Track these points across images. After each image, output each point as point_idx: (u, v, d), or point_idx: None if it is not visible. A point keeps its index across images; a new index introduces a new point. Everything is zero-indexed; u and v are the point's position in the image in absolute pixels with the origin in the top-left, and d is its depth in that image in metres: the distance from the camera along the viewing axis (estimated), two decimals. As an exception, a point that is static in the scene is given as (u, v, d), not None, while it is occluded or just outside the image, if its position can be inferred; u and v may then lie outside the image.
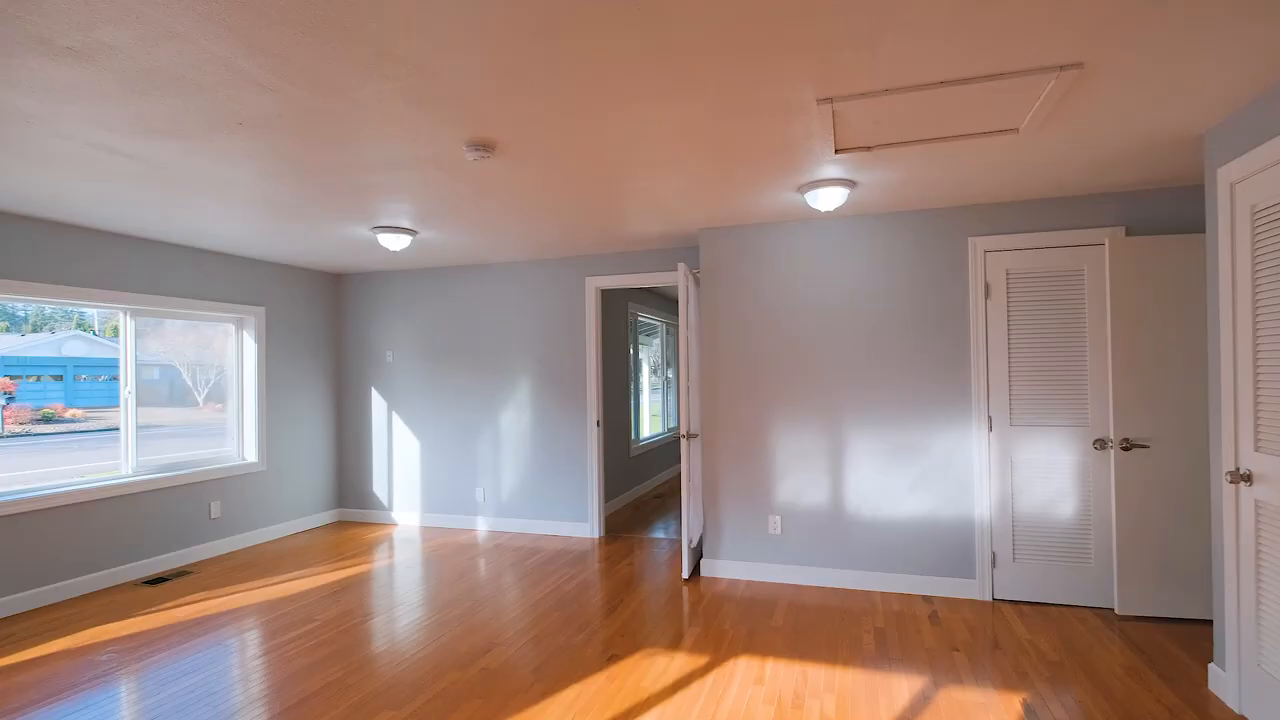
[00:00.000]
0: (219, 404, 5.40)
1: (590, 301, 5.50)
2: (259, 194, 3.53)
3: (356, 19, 1.83)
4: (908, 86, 2.33)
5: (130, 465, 4.65)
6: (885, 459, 4.13)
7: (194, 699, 2.81)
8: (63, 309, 4.52)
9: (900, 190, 3.65)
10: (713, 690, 2.84)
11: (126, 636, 3.49)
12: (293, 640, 3.42)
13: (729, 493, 4.43)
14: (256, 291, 5.52)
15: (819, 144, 2.90)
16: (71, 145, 2.76)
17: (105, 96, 2.29)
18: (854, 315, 4.21)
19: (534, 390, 5.68)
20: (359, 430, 6.28)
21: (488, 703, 2.76)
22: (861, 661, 3.10)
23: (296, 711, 2.70)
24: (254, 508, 5.46)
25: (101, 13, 1.77)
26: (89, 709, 2.74)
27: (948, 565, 4.00)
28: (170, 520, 4.79)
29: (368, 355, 6.25)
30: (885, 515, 4.12)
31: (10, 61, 2.03)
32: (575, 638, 3.41)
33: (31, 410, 11.09)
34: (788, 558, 4.30)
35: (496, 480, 5.80)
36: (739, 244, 4.44)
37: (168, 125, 2.56)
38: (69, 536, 4.18)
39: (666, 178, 3.36)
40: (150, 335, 4.86)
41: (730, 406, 4.43)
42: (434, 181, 3.35)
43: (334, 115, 2.49)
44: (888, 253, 4.15)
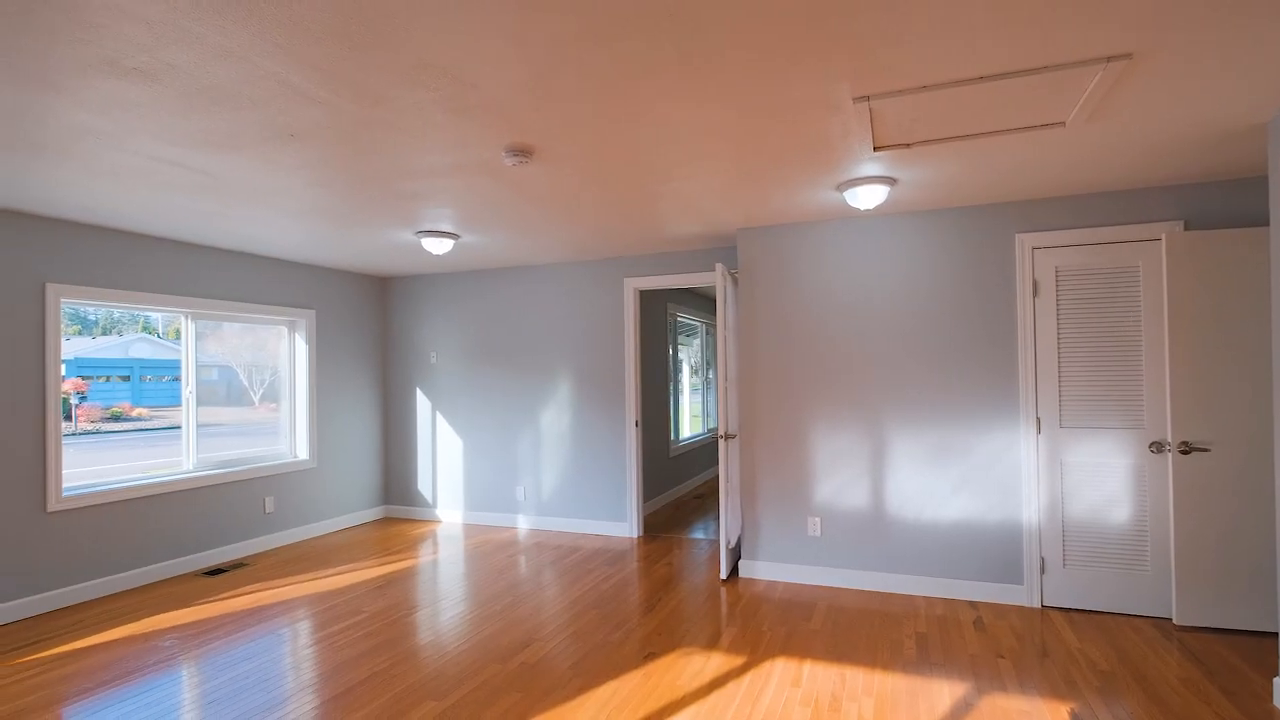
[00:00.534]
0: (273, 404, 5.62)
1: (629, 302, 5.53)
2: (309, 202, 3.66)
3: (398, 33, 1.90)
4: (946, 83, 2.29)
5: (191, 462, 4.88)
6: (928, 460, 4.05)
7: (249, 685, 2.95)
8: (129, 313, 4.77)
9: (942, 187, 3.58)
10: (749, 690, 2.84)
11: (187, 624, 3.67)
12: (341, 631, 3.55)
13: (767, 493, 4.41)
14: (308, 295, 5.72)
15: (857, 142, 2.87)
16: (137, 159, 2.92)
17: (167, 113, 2.42)
18: (895, 314, 4.14)
19: (573, 391, 5.75)
20: (404, 429, 6.45)
21: (526, 696, 2.81)
22: (902, 666, 3.05)
23: (345, 699, 2.80)
24: (305, 503, 5.66)
25: (164, 35, 1.88)
26: (153, 691, 2.89)
27: (994, 570, 3.90)
28: (227, 515, 5.01)
29: (413, 356, 6.41)
30: (928, 518, 4.04)
31: (83, 82, 2.17)
32: (613, 635, 3.45)
33: (102, 409, 11.74)
34: (827, 560, 4.26)
35: (537, 479, 5.89)
36: (777, 243, 4.42)
37: (224, 138, 2.69)
38: (135, 529, 4.41)
39: (703, 178, 3.37)
40: (209, 337, 5.09)
41: (769, 407, 4.41)
42: (474, 187, 3.43)
43: (378, 125, 2.58)
44: (930, 251, 4.07)
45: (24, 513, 3.87)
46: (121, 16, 1.79)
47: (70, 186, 3.33)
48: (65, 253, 4.07)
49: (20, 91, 2.24)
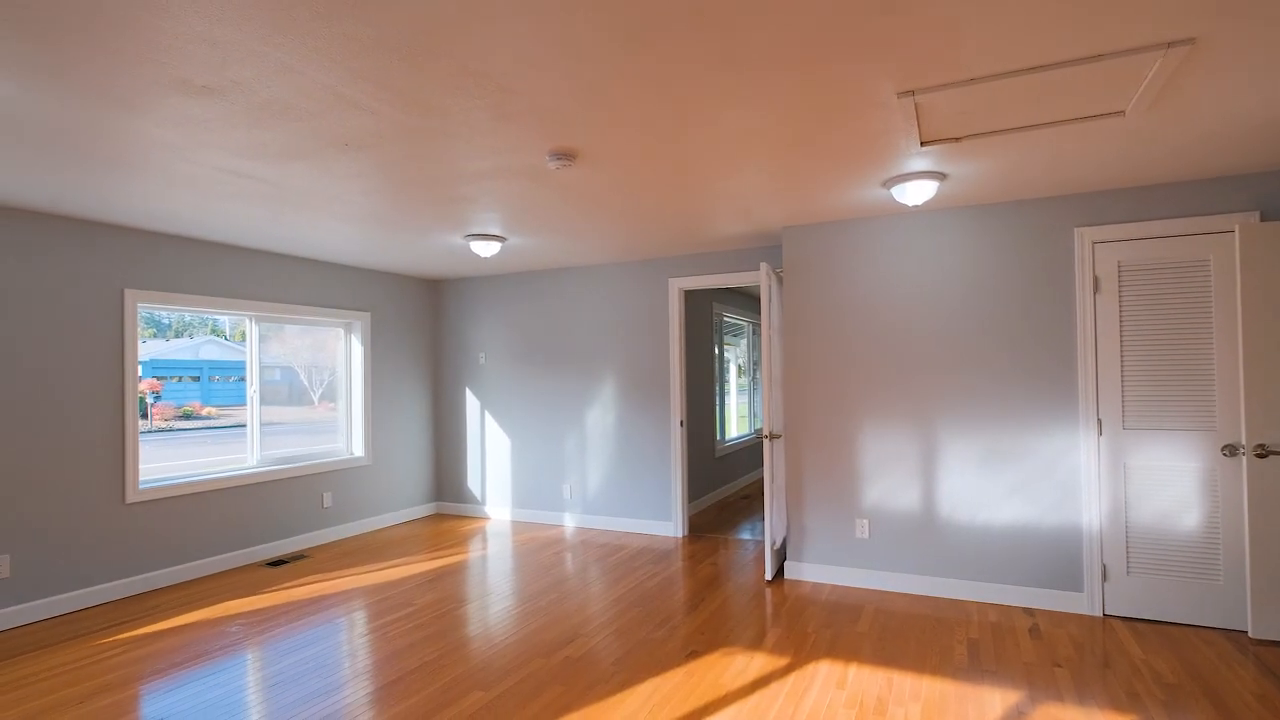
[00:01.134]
0: (332, 403, 5.85)
1: (673, 302, 5.55)
2: (364, 207, 3.81)
3: (444, 43, 1.97)
4: (995, 74, 2.23)
5: (255, 458, 5.13)
6: (981, 462, 3.94)
7: (308, 670, 3.09)
8: (199, 316, 5.04)
9: (995, 181, 3.48)
10: (792, 691, 2.82)
11: (252, 611, 3.86)
12: (394, 622, 3.67)
13: (814, 494, 4.36)
14: (363, 298, 5.94)
15: (902, 138, 2.82)
16: (205, 170, 3.09)
17: (232, 126, 2.56)
18: (946, 312, 4.04)
19: (618, 391, 5.79)
20: (455, 428, 6.62)
21: (569, 689, 2.86)
22: (952, 672, 2.98)
23: (397, 686, 2.91)
24: (361, 499, 5.87)
25: (230, 54, 2.00)
26: (221, 673, 3.06)
27: (1051, 577, 3.77)
28: (289, 509, 5.25)
29: (462, 357, 6.57)
30: (981, 521, 3.93)
31: (158, 101, 2.32)
32: (656, 633, 3.47)
33: (174, 408, 12.36)
34: (876, 563, 4.18)
35: (583, 478, 5.96)
36: (823, 241, 4.36)
37: (284, 149, 2.83)
38: (204, 520, 4.66)
39: (746, 178, 3.36)
40: (272, 339, 5.34)
41: (815, 407, 4.36)
42: (520, 190, 3.50)
43: (427, 133, 2.67)
44: (982, 247, 3.96)
45: (105, 504, 4.13)
46: (192, 39, 1.91)
47: (146, 198, 3.55)
48: (141, 260, 4.33)
49: (103, 112, 2.40)
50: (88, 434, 4.06)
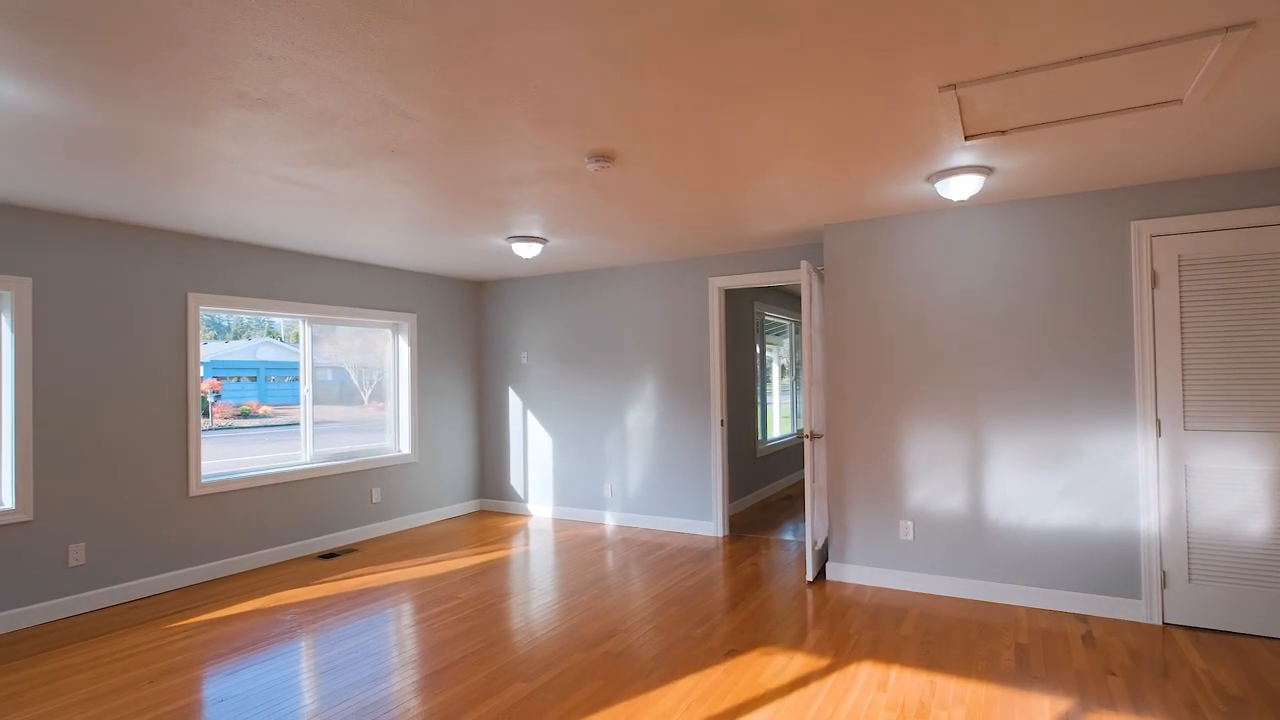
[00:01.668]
0: (380, 402, 6.03)
1: (713, 302, 5.54)
2: (410, 212, 3.92)
3: (485, 53, 2.02)
4: (1040, 66, 2.18)
5: (308, 455, 5.32)
6: (1031, 464, 3.83)
7: (358, 658, 3.20)
8: (256, 318, 5.26)
9: (1044, 174, 3.38)
10: (832, 692, 2.80)
11: (305, 601, 4.02)
12: (439, 614, 3.78)
13: (856, 495, 4.30)
14: (410, 299, 6.10)
15: (946, 132, 2.77)
16: (261, 179, 3.24)
17: (286, 136, 2.68)
18: (994, 310, 3.94)
19: (658, 390, 5.82)
20: (498, 427, 6.74)
21: (608, 684, 2.90)
22: (999, 677, 2.91)
23: (442, 676, 2.99)
24: (408, 495, 6.04)
25: (283, 68, 2.09)
26: (277, 659, 3.20)
27: (1107, 583, 3.64)
28: (339, 504, 5.43)
29: (505, 357, 6.69)
30: (1032, 524, 3.82)
31: (218, 113, 2.44)
32: (695, 630, 3.49)
33: (233, 407, 12.87)
34: (920, 565, 4.11)
35: (623, 476, 6.00)
36: (865, 239, 4.30)
37: (334, 157, 2.94)
38: (261, 514, 4.87)
39: (785, 176, 3.35)
40: (324, 340, 5.53)
41: (857, 406, 4.31)
42: (559, 192, 3.56)
43: (469, 139, 2.74)
44: (1032, 241, 3.85)
45: (171, 497, 4.36)
46: (248, 54, 2.01)
47: (207, 206, 3.73)
48: (202, 265, 4.55)
49: (168, 126, 2.54)
50: (155, 431, 4.29)
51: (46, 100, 2.31)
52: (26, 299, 3.73)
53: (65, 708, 2.76)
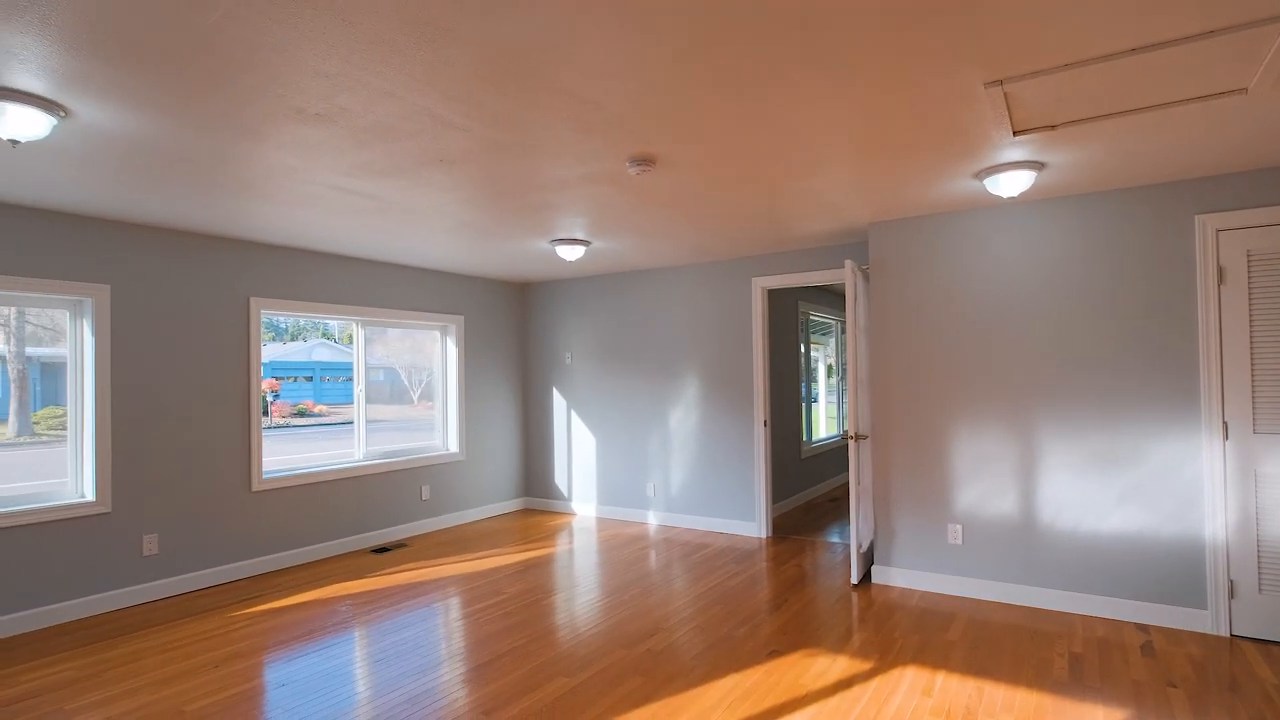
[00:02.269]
0: (429, 402, 6.21)
1: (757, 302, 5.52)
2: (458, 218, 4.04)
3: (529, 64, 2.08)
4: (1091, 59, 2.12)
5: (361, 453, 5.52)
6: (1087, 468, 3.70)
7: (409, 649, 3.32)
8: (312, 321, 5.48)
9: (1100, 168, 3.27)
10: (875, 695, 2.77)
11: (359, 594, 4.18)
12: (485, 609, 3.88)
13: (902, 498, 4.23)
14: (457, 301, 6.26)
15: (993, 128, 2.71)
16: (317, 188, 3.39)
17: (341, 148, 2.80)
18: (1047, 308, 3.83)
19: (701, 390, 5.83)
20: (542, 426, 6.86)
21: (650, 680, 2.94)
22: (1050, 686, 2.83)
23: (488, 668, 3.08)
24: (455, 492, 6.20)
25: (338, 84, 2.20)
26: (333, 648, 3.34)
27: (1169, 592, 3.50)
28: (391, 500, 5.62)
29: (549, 357, 6.80)
30: (1087, 530, 3.70)
31: (278, 128, 2.57)
32: (737, 630, 3.49)
33: (290, 406, 13.37)
34: (969, 570, 4.02)
35: (666, 476, 6.03)
36: (912, 237, 4.23)
37: (386, 166, 3.05)
38: (317, 509, 5.08)
39: (829, 175, 3.33)
40: (376, 342, 5.73)
41: (904, 407, 4.24)
42: (601, 196, 3.61)
43: (515, 146, 2.81)
44: (1087, 237, 3.73)
45: (235, 491, 4.58)
46: (306, 73, 2.12)
47: (268, 215, 3.91)
48: (263, 270, 4.77)
49: (234, 142, 2.69)
50: (220, 428, 4.51)
51: (128, 122, 2.47)
52: (105, 304, 3.98)
53: (140, 688, 2.94)
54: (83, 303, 3.97)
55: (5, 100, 2.18)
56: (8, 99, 2.18)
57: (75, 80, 2.14)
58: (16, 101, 2.20)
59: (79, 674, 3.10)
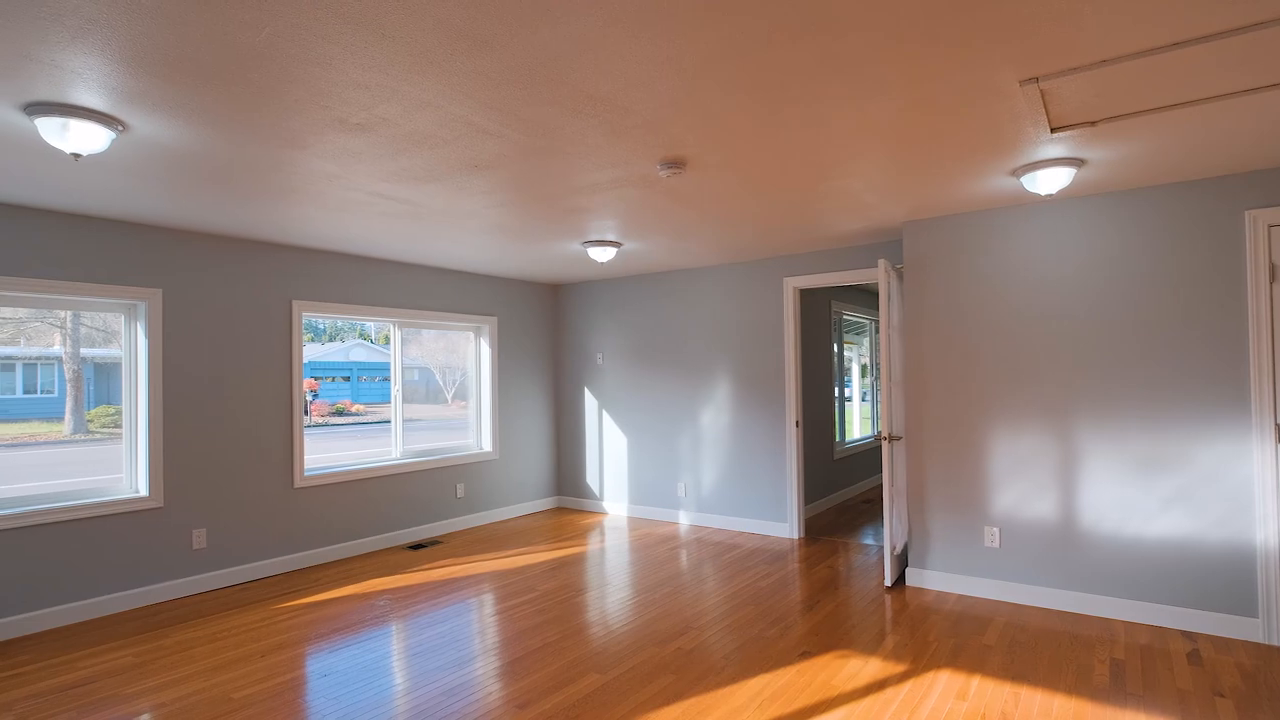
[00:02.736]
0: (463, 401, 6.32)
1: (788, 302, 5.50)
2: (492, 221, 4.12)
3: (561, 72, 2.12)
4: (1130, 54, 2.08)
5: (398, 451, 5.65)
6: (1130, 470, 3.62)
7: (444, 642, 3.40)
8: (350, 322, 5.62)
9: (1143, 163, 3.19)
10: (908, 698, 2.75)
11: (396, 588, 4.28)
12: (518, 605, 3.95)
13: (937, 499, 4.18)
14: (490, 303, 6.36)
15: (1029, 125, 2.67)
16: (357, 195, 3.49)
17: (380, 156, 2.89)
18: (1088, 306, 3.74)
19: (732, 390, 5.83)
20: (574, 426, 6.92)
21: (680, 678, 2.96)
22: (1090, 693, 2.78)
23: (521, 663, 3.14)
24: (489, 491, 6.30)
25: (378, 95, 2.27)
26: (372, 640, 3.44)
27: (1216, 598, 3.40)
28: (427, 498, 5.74)
29: (581, 358, 6.87)
30: (1130, 534, 3.61)
31: (321, 138, 2.66)
32: (768, 631, 3.49)
33: (329, 405, 13.70)
34: (1007, 573, 3.95)
35: (697, 477, 6.04)
36: (947, 235, 4.18)
37: (423, 173, 3.13)
38: (356, 505, 5.21)
39: (862, 175, 3.31)
40: (411, 343, 5.86)
41: (938, 408, 4.19)
42: (632, 199, 3.65)
43: (547, 152, 2.86)
44: (1130, 234, 3.63)
45: (279, 488, 4.74)
46: (348, 85, 2.19)
47: (309, 220, 4.04)
48: (304, 274, 4.92)
49: (278, 151, 2.79)
50: (265, 427, 4.67)
51: (180, 135, 2.59)
52: (158, 308, 4.16)
53: (190, 676, 3.07)
54: (137, 306, 4.15)
55: (69, 117, 2.30)
56: (71, 115, 2.30)
57: (133, 97, 2.25)
58: (79, 118, 2.32)
59: (135, 661, 3.24)
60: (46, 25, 1.80)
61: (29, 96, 2.23)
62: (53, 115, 2.30)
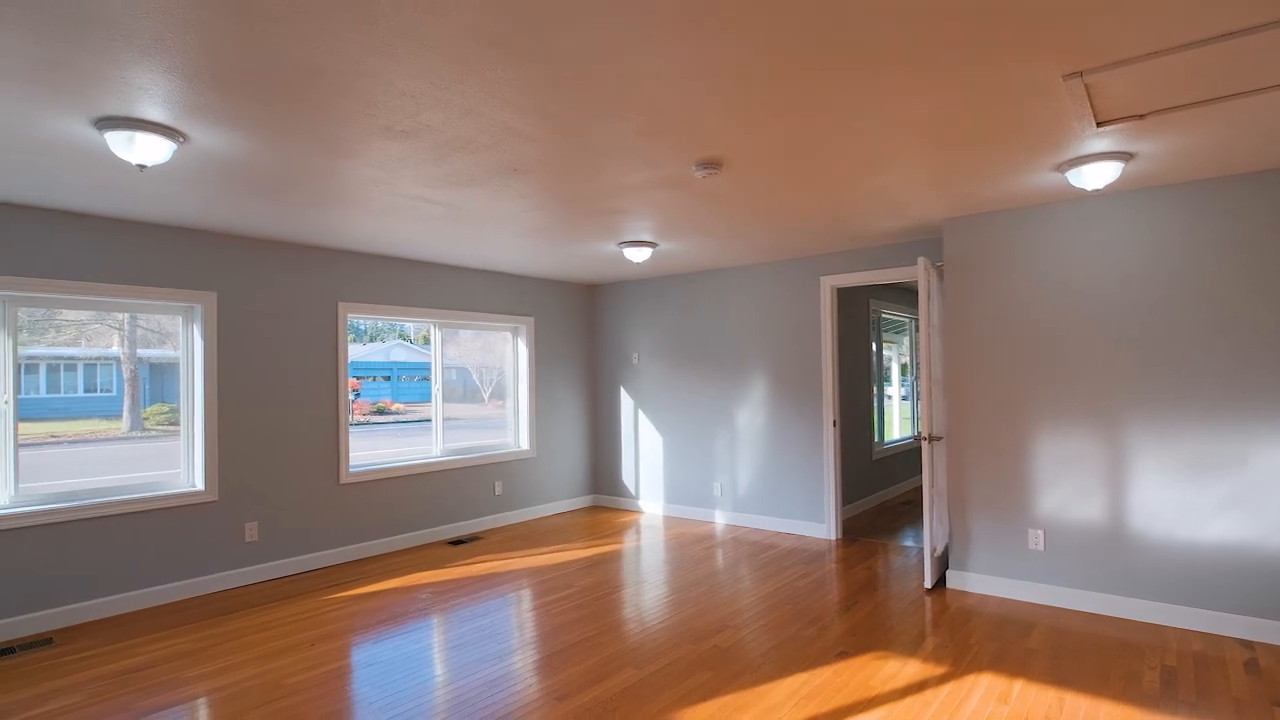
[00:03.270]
0: (499, 400, 6.43)
1: (825, 301, 5.46)
2: (529, 223, 4.19)
3: (598, 77, 2.16)
4: (1180, 46, 2.03)
5: (438, 449, 5.78)
6: (1182, 472, 3.50)
7: (485, 636, 3.48)
8: (390, 323, 5.77)
9: (1198, 156, 3.09)
10: (948, 701, 2.72)
11: (437, 583, 4.39)
12: (555, 601, 4.01)
13: (979, 501, 4.11)
14: (527, 303, 6.46)
15: (1074, 120, 2.62)
16: (401, 199, 3.59)
17: (423, 161, 2.97)
18: (1135, 303, 3.64)
19: (768, 390, 5.81)
20: (610, 425, 6.98)
21: (717, 675, 2.98)
22: (1138, 700, 2.71)
23: (559, 657, 3.20)
24: (526, 489, 6.40)
25: (422, 103, 2.35)
26: (415, 632, 3.53)
27: (1278, 606, 3.27)
28: (466, 495, 5.86)
29: (617, 357, 6.92)
30: (1183, 539, 3.50)
31: (367, 145, 2.76)
32: (805, 631, 3.49)
33: (370, 404, 14.01)
34: (1052, 577, 3.87)
35: (733, 476, 6.04)
36: (988, 232, 4.10)
37: (463, 177, 3.21)
38: (398, 502, 5.36)
39: (900, 173, 3.28)
40: (449, 343, 5.98)
41: (980, 407, 4.11)
42: (668, 200, 3.67)
43: (583, 154, 2.91)
44: (1183, 229, 3.52)
45: (326, 484, 4.90)
46: (394, 94, 2.27)
47: (355, 224, 4.17)
48: (349, 276, 5.08)
49: (326, 159, 2.90)
50: (312, 424, 4.84)
51: (236, 145, 2.71)
52: (213, 310, 4.34)
53: (242, 663, 3.20)
54: (193, 309, 4.34)
55: (135, 130, 2.44)
56: (138, 129, 2.43)
57: (194, 110, 2.36)
58: (145, 131, 2.45)
59: (192, 647, 3.40)
60: (119, 46, 1.92)
61: (99, 112, 2.36)
62: (120, 129, 2.43)
